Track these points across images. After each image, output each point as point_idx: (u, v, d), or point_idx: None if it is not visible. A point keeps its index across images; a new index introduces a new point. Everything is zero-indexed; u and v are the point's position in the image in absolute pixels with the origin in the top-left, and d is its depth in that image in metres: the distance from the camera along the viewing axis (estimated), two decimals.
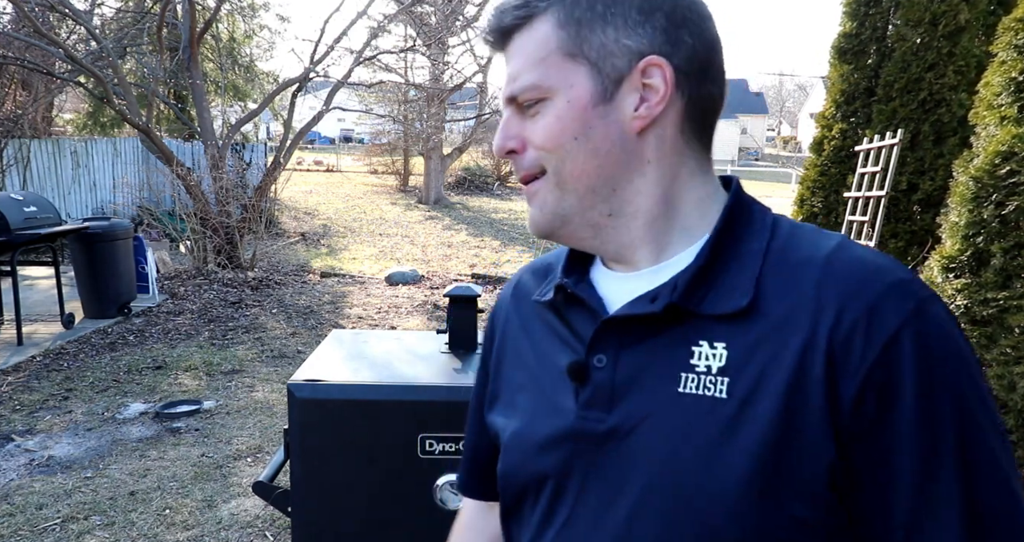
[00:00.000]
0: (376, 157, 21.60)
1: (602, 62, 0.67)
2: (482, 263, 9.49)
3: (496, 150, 0.72)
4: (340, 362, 1.69)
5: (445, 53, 14.51)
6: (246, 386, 4.70)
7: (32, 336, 5.53)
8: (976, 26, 3.98)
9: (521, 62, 0.69)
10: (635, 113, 0.67)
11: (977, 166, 2.62)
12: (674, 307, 0.65)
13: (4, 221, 5.10)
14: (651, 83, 0.67)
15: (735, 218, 0.70)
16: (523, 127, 0.70)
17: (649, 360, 0.67)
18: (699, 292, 0.66)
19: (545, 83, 0.67)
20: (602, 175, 0.69)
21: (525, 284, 0.85)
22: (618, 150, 0.68)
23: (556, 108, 0.67)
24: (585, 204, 0.70)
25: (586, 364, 0.69)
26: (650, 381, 0.66)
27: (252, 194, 8.80)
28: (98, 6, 11.64)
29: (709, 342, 0.64)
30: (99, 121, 14.39)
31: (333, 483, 1.53)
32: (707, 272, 0.66)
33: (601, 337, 0.69)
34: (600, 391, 0.68)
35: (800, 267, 0.64)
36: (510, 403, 0.79)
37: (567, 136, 0.67)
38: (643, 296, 0.68)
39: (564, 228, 0.71)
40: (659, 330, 0.66)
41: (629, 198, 0.70)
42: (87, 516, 3.08)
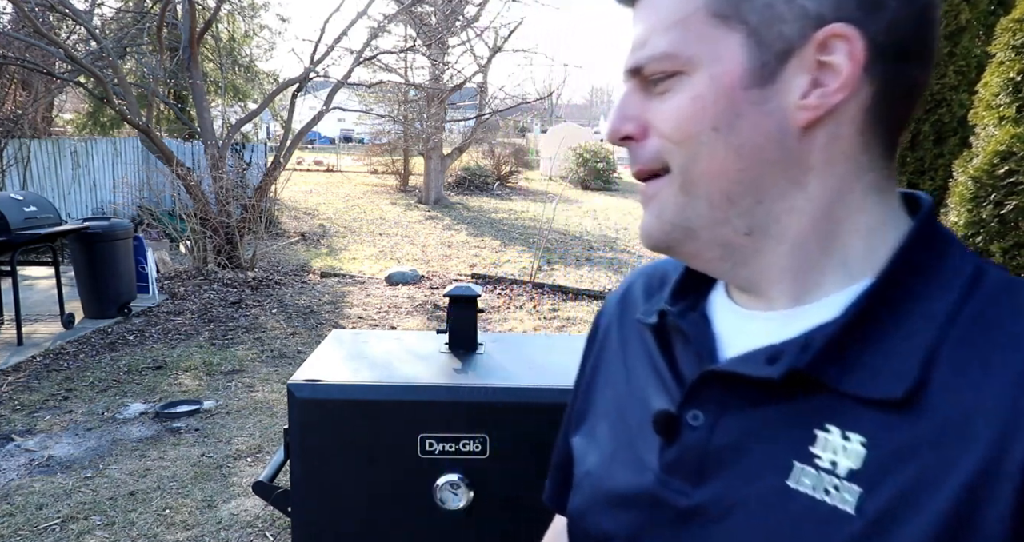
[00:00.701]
0: (376, 157, 21.60)
1: (765, 28, 0.50)
2: (482, 263, 9.49)
3: (608, 134, 0.57)
4: (340, 362, 1.69)
5: (445, 53, 14.51)
6: (246, 386, 4.70)
7: (32, 336, 5.53)
8: (976, 26, 3.98)
9: (651, 22, 0.53)
10: (802, 101, 0.50)
11: (976, 166, 2.62)
12: (799, 375, 0.49)
13: (4, 221, 5.10)
14: (830, 61, 0.49)
15: (916, 259, 0.51)
16: (646, 107, 0.55)
17: (757, 432, 0.52)
18: (840, 359, 0.49)
19: (683, 52, 0.51)
20: (745, 180, 0.52)
21: (633, 293, 0.72)
22: (772, 149, 0.51)
23: (694, 86, 0.52)
24: (717, 216, 0.54)
25: (678, 418, 0.56)
26: (754, 460, 0.51)
27: (252, 194, 8.80)
28: (98, 6, 11.64)
29: (842, 430, 0.48)
30: (99, 121, 14.39)
31: (333, 483, 1.53)
32: (857, 332, 0.49)
33: (701, 389, 0.55)
34: (689, 456, 0.54)
35: (999, 351, 0.45)
36: (592, 431, 0.68)
37: (704, 124, 0.52)
38: (762, 350, 0.53)
39: (686, 244, 0.56)
40: (777, 397, 0.51)
41: (777, 214, 0.53)
42: (87, 516, 3.08)
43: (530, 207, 16.32)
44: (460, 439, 1.47)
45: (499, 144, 21.67)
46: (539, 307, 6.98)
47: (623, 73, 0.56)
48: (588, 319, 6.61)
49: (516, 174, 22.19)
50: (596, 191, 20.61)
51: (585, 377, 0.74)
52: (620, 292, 0.75)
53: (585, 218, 14.51)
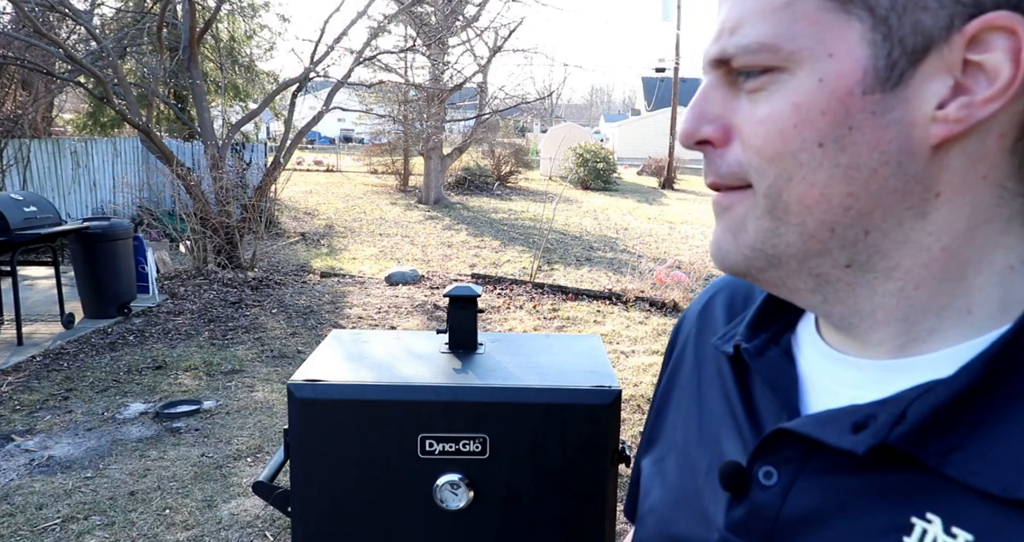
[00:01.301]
0: (376, 157, 21.61)
1: (897, 17, 0.39)
2: (482, 263, 9.49)
3: (682, 136, 0.47)
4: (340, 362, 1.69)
5: (445, 53, 14.52)
6: (246, 386, 4.70)
7: (32, 336, 5.53)
8: None
9: (748, 2, 0.43)
10: (939, 112, 0.39)
11: None
12: (890, 452, 0.41)
13: (4, 221, 5.10)
14: (983, 61, 0.38)
15: None
16: (732, 106, 0.45)
17: (840, 504, 0.43)
18: (946, 435, 0.40)
19: (786, 44, 0.41)
20: (854, 208, 0.42)
21: (714, 308, 0.64)
22: (891, 172, 0.41)
23: (797, 89, 0.41)
24: (813, 246, 0.44)
25: (748, 474, 0.48)
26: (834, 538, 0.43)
27: (252, 194, 8.81)
28: (98, 6, 11.65)
29: (944, 521, 0.39)
30: (99, 121, 14.40)
31: (333, 483, 1.53)
32: (974, 402, 0.40)
33: (776, 444, 0.47)
34: (758, 519, 0.47)
35: None
36: (661, 461, 0.62)
37: (806, 139, 0.41)
38: (848, 412, 0.44)
39: (769, 271, 0.46)
40: (866, 467, 0.43)
41: (888, 249, 0.43)
42: (87, 516, 3.08)
43: (530, 207, 16.32)
44: (460, 439, 1.47)
45: (499, 144, 21.67)
46: (539, 307, 6.98)
47: (704, 63, 0.46)
48: (588, 319, 6.62)
49: (516, 174, 22.20)
50: (596, 191, 20.61)
51: (659, 394, 0.67)
52: (701, 304, 0.66)
53: (585, 218, 14.51)
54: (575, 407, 1.46)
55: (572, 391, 1.48)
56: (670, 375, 0.66)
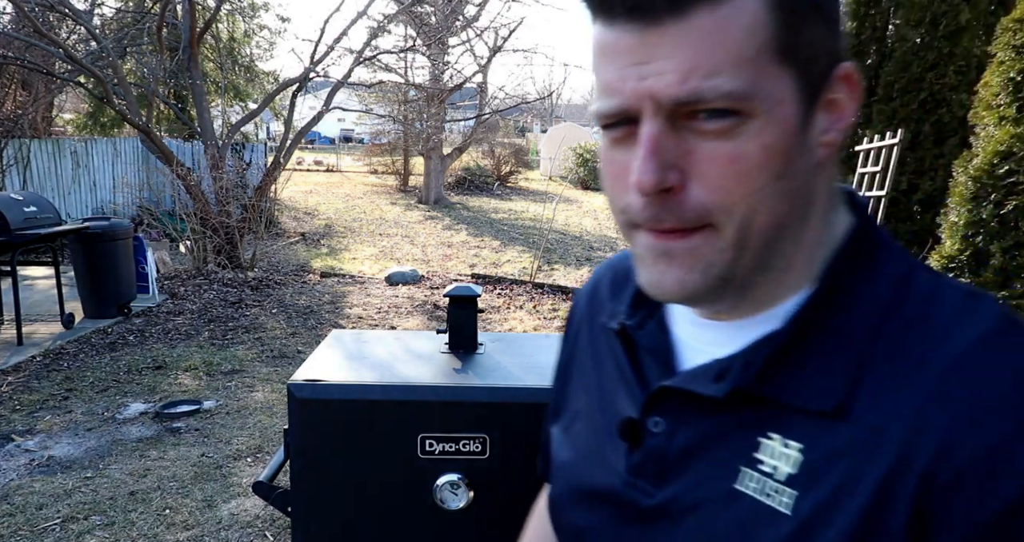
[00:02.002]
0: (376, 157, 21.60)
1: (809, 66, 0.48)
2: (482, 263, 9.49)
3: (644, 184, 0.48)
4: (340, 362, 1.69)
5: (445, 53, 14.51)
6: (246, 386, 4.70)
7: (32, 336, 5.53)
8: (976, 26, 3.98)
9: (715, 52, 0.46)
10: (824, 139, 0.51)
11: (976, 166, 2.62)
12: (741, 393, 0.53)
13: (4, 221, 5.10)
14: (839, 99, 0.51)
15: (853, 268, 0.53)
16: (684, 151, 0.48)
17: (711, 439, 0.55)
18: (780, 374, 0.52)
19: (757, 92, 0.46)
20: (787, 225, 0.51)
21: (601, 291, 0.73)
22: (805, 189, 0.51)
23: (762, 133, 0.47)
24: (756, 262, 0.51)
25: (641, 425, 0.59)
26: (707, 464, 0.55)
27: (252, 194, 8.80)
28: (98, 6, 11.65)
29: (783, 437, 0.51)
30: (99, 121, 14.39)
31: (333, 483, 1.53)
32: (796, 346, 0.52)
33: (660, 399, 0.58)
34: (652, 460, 0.58)
35: (921, 358, 0.48)
36: (569, 426, 0.71)
37: (770, 175, 0.48)
38: (710, 367, 0.55)
39: (718, 292, 0.52)
40: (727, 407, 0.54)
41: (787, 250, 0.52)
42: (87, 516, 3.08)
43: (530, 207, 16.32)
44: (460, 439, 1.47)
45: (499, 144, 21.67)
46: (539, 307, 6.98)
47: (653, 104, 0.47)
48: None
49: (516, 174, 22.19)
50: (596, 191, 20.60)
51: (561, 371, 0.76)
52: (589, 288, 0.75)
53: (585, 218, 14.51)
54: None
55: None
56: (568, 352, 0.75)
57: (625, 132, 0.50)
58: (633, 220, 0.52)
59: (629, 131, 0.50)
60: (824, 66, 0.49)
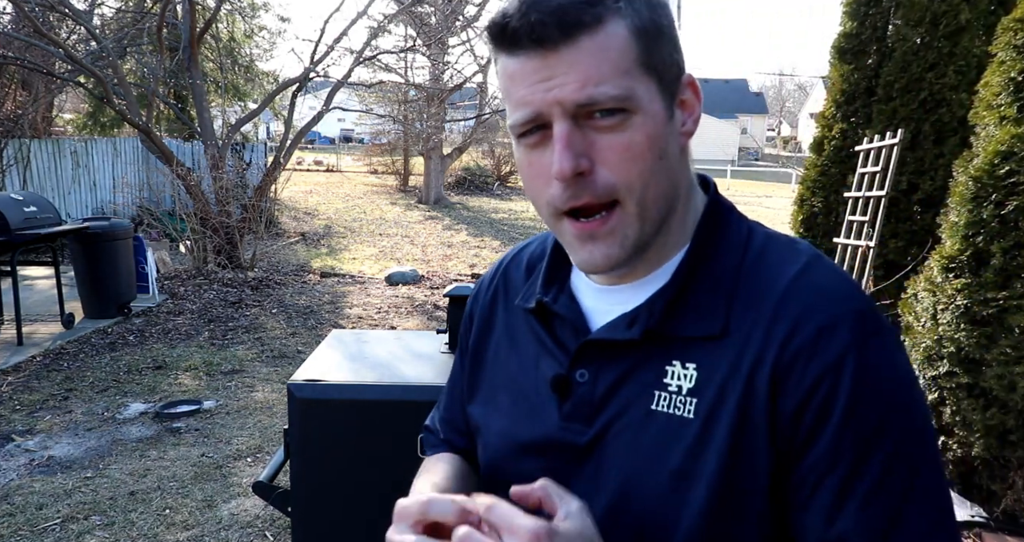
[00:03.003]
0: (376, 157, 21.60)
1: (666, 75, 0.65)
2: (482, 263, 9.48)
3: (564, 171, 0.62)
4: (340, 362, 1.69)
5: (445, 53, 14.52)
6: (246, 386, 4.70)
7: (32, 336, 5.53)
8: (976, 26, 3.98)
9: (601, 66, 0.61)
10: (683, 128, 0.68)
11: (977, 166, 2.62)
12: (651, 332, 0.67)
13: (4, 221, 5.10)
14: (688, 99, 0.68)
15: (712, 229, 0.71)
16: (588, 143, 0.63)
17: (627, 377, 0.68)
18: (675, 315, 0.67)
19: (635, 94, 0.62)
20: (671, 195, 0.67)
21: (510, 278, 0.85)
22: (677, 168, 0.67)
23: (644, 125, 0.63)
24: (654, 229, 0.67)
25: (569, 378, 0.71)
26: (628, 397, 0.68)
27: (252, 194, 8.80)
28: (98, 6, 11.66)
29: (682, 362, 0.66)
30: (99, 121, 14.39)
31: (333, 483, 1.53)
32: (683, 293, 0.68)
33: (583, 354, 0.71)
34: (581, 405, 0.70)
35: (765, 287, 0.65)
36: (490, 400, 0.81)
37: (655, 155, 0.64)
38: (622, 318, 0.69)
39: (630, 259, 0.68)
40: (639, 349, 0.68)
41: (670, 217, 0.69)
42: (87, 516, 3.08)
43: (530, 207, 16.32)
44: None
45: (499, 144, 21.66)
46: None
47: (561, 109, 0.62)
48: None
49: (516, 174, 22.17)
50: None
51: (468, 355, 0.86)
52: (494, 276, 0.87)
53: None
54: None
55: None
56: (477, 339, 0.85)
57: (540, 137, 0.64)
58: (558, 208, 0.65)
59: (543, 136, 0.64)
60: (675, 74, 0.66)
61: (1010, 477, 2.59)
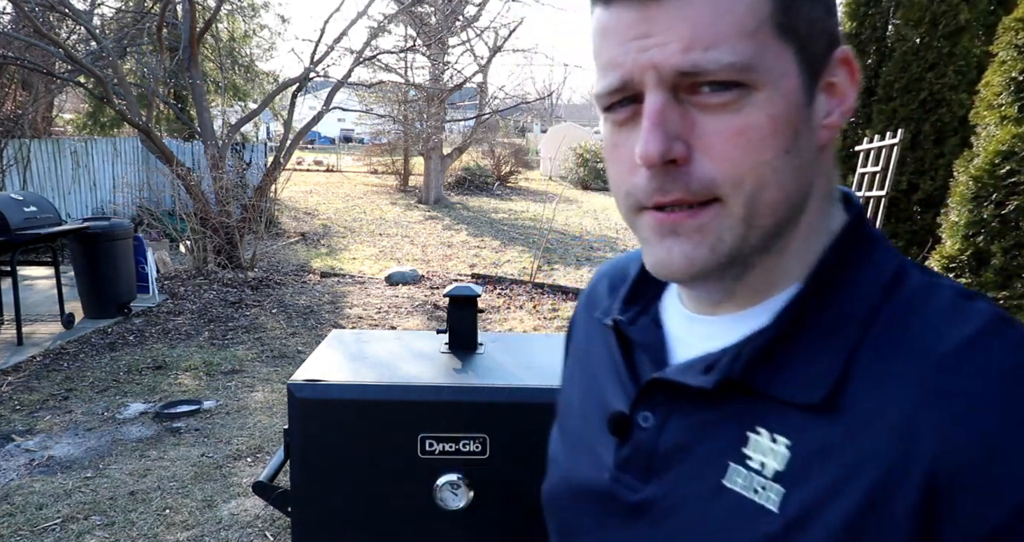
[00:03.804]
0: (376, 157, 21.60)
1: (810, 43, 0.49)
2: (482, 263, 9.49)
3: (651, 155, 0.47)
4: (340, 362, 1.69)
5: (445, 53, 14.51)
6: (246, 386, 4.70)
7: (32, 336, 5.53)
8: (976, 26, 3.98)
9: (716, 23, 0.46)
10: (827, 120, 0.51)
11: (977, 166, 2.62)
12: (731, 383, 0.52)
13: (4, 221, 5.09)
14: (838, 82, 0.51)
15: (843, 263, 0.52)
16: (688, 123, 0.48)
17: (699, 434, 0.54)
18: (768, 367, 0.51)
19: (759, 64, 0.46)
20: (795, 203, 0.51)
21: (598, 291, 0.73)
22: (808, 169, 0.50)
23: (767, 104, 0.47)
24: (762, 242, 0.51)
25: (631, 420, 0.58)
26: (695, 460, 0.54)
27: (252, 194, 8.80)
28: (98, 6, 11.66)
29: (770, 432, 0.50)
30: (99, 121, 14.39)
31: (333, 483, 1.53)
32: (785, 340, 0.51)
33: (650, 394, 0.57)
34: (640, 455, 0.57)
35: (910, 354, 0.47)
36: (564, 424, 0.71)
37: (779, 147, 0.48)
38: (701, 359, 0.55)
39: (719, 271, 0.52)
40: (715, 401, 0.53)
41: (787, 233, 0.52)
42: (87, 516, 3.07)
43: (530, 207, 16.32)
44: (460, 439, 1.47)
45: (499, 144, 21.67)
46: (539, 307, 6.97)
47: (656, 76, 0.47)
48: None
49: (516, 174, 22.19)
50: (596, 191, 20.60)
51: (565, 372, 0.77)
52: (587, 290, 0.77)
53: (585, 218, 14.51)
54: None
55: None
56: (571, 356, 0.75)
57: (630, 113, 0.50)
58: (639, 201, 0.51)
59: (634, 111, 0.50)
60: (823, 47, 0.50)
61: None
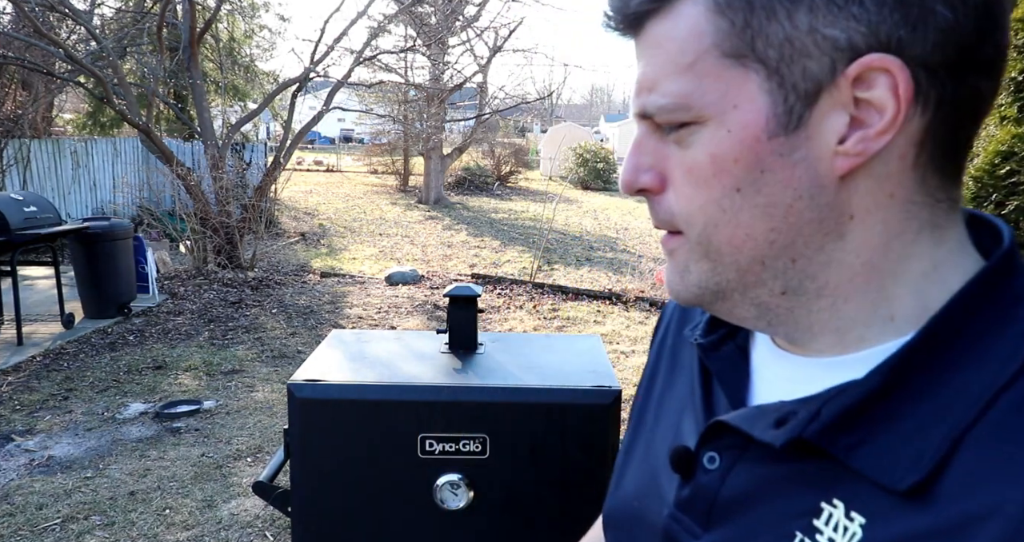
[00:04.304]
0: (376, 157, 21.60)
1: (786, 67, 0.43)
2: (482, 263, 9.49)
3: (623, 185, 0.50)
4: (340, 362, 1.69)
5: (445, 53, 14.51)
6: (246, 386, 4.70)
7: (32, 336, 5.53)
8: None
9: (659, 63, 0.46)
10: (840, 147, 0.43)
11: (977, 166, 2.62)
12: (803, 444, 0.45)
13: (4, 221, 5.10)
14: (871, 98, 0.42)
15: (968, 318, 0.43)
16: (664, 155, 0.48)
17: (766, 489, 0.48)
18: (853, 431, 0.44)
19: (695, 101, 0.45)
20: (778, 242, 0.46)
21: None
22: (805, 205, 0.44)
23: (711, 141, 0.45)
24: (749, 279, 0.48)
25: (696, 458, 0.53)
26: (760, 518, 0.48)
27: (252, 194, 8.80)
28: (98, 6, 11.66)
29: (847, 507, 0.43)
30: (99, 121, 14.39)
31: (333, 483, 1.53)
32: (878, 403, 0.43)
33: (716, 433, 0.52)
34: (701, 498, 0.52)
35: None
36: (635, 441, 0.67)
37: (725, 187, 0.45)
38: (774, 408, 0.48)
39: (717, 304, 0.50)
40: (788, 457, 0.47)
41: (814, 271, 0.46)
42: (87, 516, 3.08)
43: (530, 207, 16.32)
44: (460, 439, 1.47)
45: (499, 144, 21.67)
46: (539, 307, 6.97)
47: (631, 112, 0.50)
48: (588, 319, 6.62)
49: (516, 174, 22.19)
50: (596, 191, 20.61)
51: (645, 377, 0.71)
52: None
53: (585, 218, 14.51)
54: (575, 407, 1.46)
55: (572, 391, 1.47)
56: (654, 362, 0.70)
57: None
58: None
59: None
60: (821, 61, 0.42)
61: None
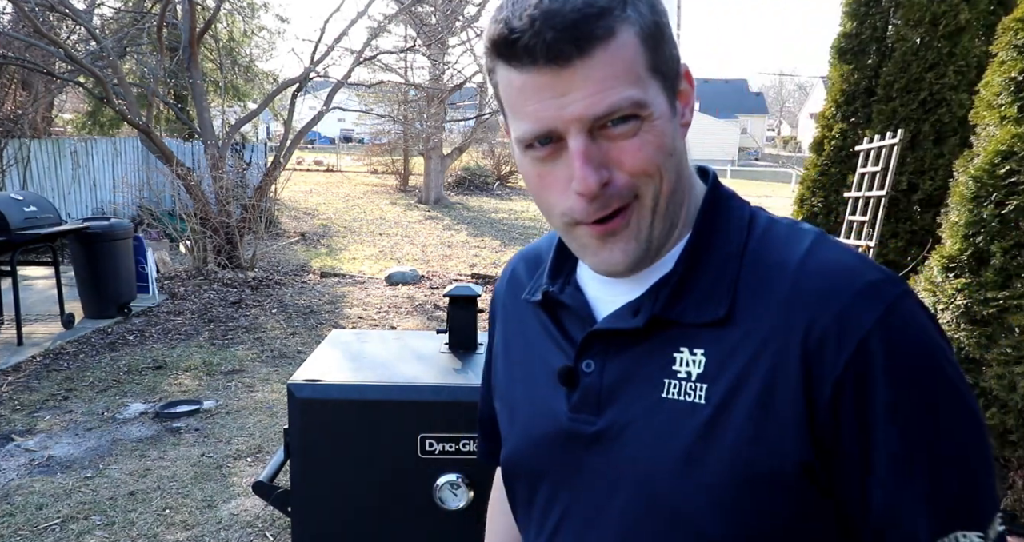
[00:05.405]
0: (376, 157, 21.60)
1: (669, 73, 0.66)
2: (482, 263, 9.49)
3: (591, 187, 0.63)
4: (340, 362, 1.69)
5: (445, 53, 14.52)
6: (246, 386, 4.70)
7: (32, 336, 5.53)
8: (976, 26, 3.97)
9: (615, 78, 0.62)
10: (683, 120, 0.69)
11: (977, 166, 2.62)
12: (656, 319, 0.68)
13: (4, 221, 5.10)
14: (684, 90, 0.69)
15: (713, 217, 0.71)
16: (605, 151, 0.64)
17: (635, 366, 0.69)
18: (680, 302, 0.68)
19: (649, 100, 0.63)
20: (680, 189, 0.68)
21: (518, 276, 0.87)
22: (681, 161, 0.68)
23: (654, 127, 0.64)
24: (667, 224, 0.68)
25: (575, 369, 0.72)
26: (636, 387, 0.68)
27: (252, 194, 8.80)
28: (98, 6, 11.66)
29: (689, 349, 0.67)
30: (99, 121, 14.39)
31: (333, 483, 1.53)
32: (687, 279, 0.68)
33: (589, 344, 0.71)
34: (589, 395, 0.71)
35: (773, 271, 0.66)
36: (508, 395, 0.83)
37: (665, 154, 0.65)
38: (626, 307, 0.70)
39: (645, 257, 0.69)
40: (643, 338, 0.69)
41: (677, 210, 0.69)
42: (87, 516, 3.08)
43: (530, 207, 16.31)
44: (460, 439, 1.47)
45: (499, 144, 21.66)
46: None
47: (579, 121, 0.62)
48: None
49: (516, 174, 22.19)
50: None
51: (494, 352, 0.89)
52: (506, 278, 0.90)
53: None
54: None
55: None
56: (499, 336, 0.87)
57: (550, 150, 0.65)
58: (576, 219, 0.66)
59: (554, 149, 0.65)
60: (676, 70, 0.67)
61: (1010, 477, 2.59)
